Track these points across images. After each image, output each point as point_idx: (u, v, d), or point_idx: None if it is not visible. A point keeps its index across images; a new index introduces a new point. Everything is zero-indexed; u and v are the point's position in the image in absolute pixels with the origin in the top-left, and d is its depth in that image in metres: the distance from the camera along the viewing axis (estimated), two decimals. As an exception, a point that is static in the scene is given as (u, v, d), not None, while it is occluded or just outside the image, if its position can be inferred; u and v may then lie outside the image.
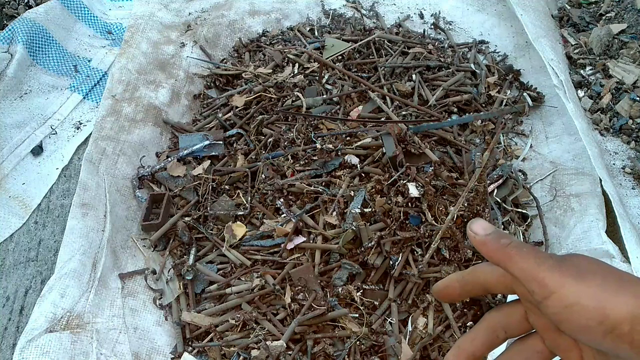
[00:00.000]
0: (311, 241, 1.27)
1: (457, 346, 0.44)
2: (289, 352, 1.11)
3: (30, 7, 2.01)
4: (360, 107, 1.62)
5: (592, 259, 0.36)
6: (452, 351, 0.44)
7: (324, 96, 1.64)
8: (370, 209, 1.25)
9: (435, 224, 1.22)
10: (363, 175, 1.38)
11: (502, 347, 0.45)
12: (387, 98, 1.64)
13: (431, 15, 2.15)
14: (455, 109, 1.66)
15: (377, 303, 1.20)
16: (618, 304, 0.32)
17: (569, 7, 2.14)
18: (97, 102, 1.73)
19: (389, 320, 1.17)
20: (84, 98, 1.76)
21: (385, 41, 1.89)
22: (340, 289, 1.18)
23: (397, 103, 1.64)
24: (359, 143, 1.43)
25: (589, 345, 0.36)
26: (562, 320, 0.35)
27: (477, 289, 0.42)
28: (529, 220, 1.40)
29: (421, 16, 2.16)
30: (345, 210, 1.28)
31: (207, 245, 1.34)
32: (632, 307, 0.32)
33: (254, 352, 1.10)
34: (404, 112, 1.61)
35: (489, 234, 0.38)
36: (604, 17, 2.04)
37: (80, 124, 1.68)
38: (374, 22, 2.12)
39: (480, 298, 1.20)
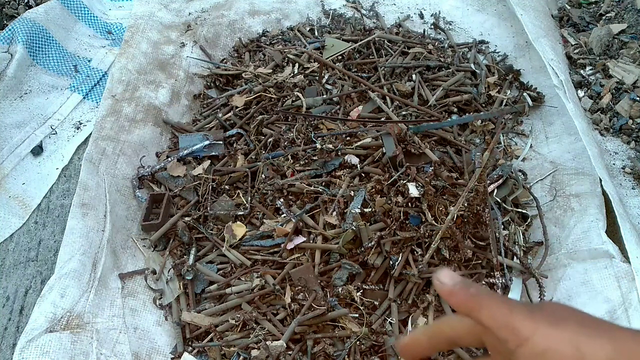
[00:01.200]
0: (311, 241, 1.27)
1: None
2: (289, 352, 1.11)
3: (30, 7, 2.01)
4: (360, 107, 1.62)
5: (567, 306, 0.35)
6: None
7: (324, 96, 1.64)
8: (370, 209, 1.25)
9: (435, 224, 1.22)
10: (363, 175, 1.38)
11: None
12: (387, 98, 1.64)
13: (431, 15, 2.15)
14: (455, 109, 1.66)
15: (377, 303, 1.20)
16: (595, 348, 0.31)
17: (569, 7, 2.14)
18: (97, 102, 1.73)
19: (389, 320, 1.17)
20: (84, 98, 1.76)
21: (385, 41, 1.89)
22: (340, 289, 1.18)
23: (397, 103, 1.64)
24: (359, 143, 1.43)
25: None
26: None
27: (445, 342, 0.41)
28: (529, 220, 1.40)
29: (421, 16, 2.16)
30: (345, 210, 1.28)
31: (207, 245, 1.34)
32: (609, 352, 0.31)
33: (254, 352, 1.10)
34: (404, 112, 1.61)
35: (456, 283, 0.38)
36: (604, 17, 2.04)
37: (80, 124, 1.68)
38: (374, 22, 2.12)
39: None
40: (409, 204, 1.26)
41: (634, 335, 0.32)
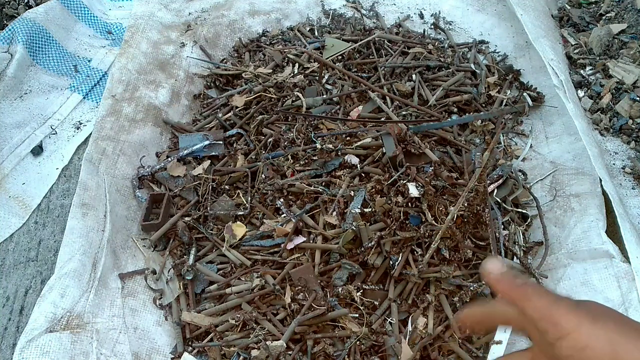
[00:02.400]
0: (311, 241, 1.27)
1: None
2: (289, 352, 1.11)
3: (30, 7, 2.01)
4: (360, 107, 1.62)
5: (605, 306, 0.37)
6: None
7: (324, 96, 1.64)
8: (370, 209, 1.25)
9: (435, 224, 1.22)
10: (363, 175, 1.38)
11: None
12: (387, 98, 1.64)
13: (431, 15, 2.15)
14: (455, 109, 1.66)
15: (377, 303, 1.20)
16: (631, 350, 0.33)
17: (569, 7, 2.14)
18: (97, 102, 1.73)
19: (389, 320, 1.17)
20: (84, 98, 1.76)
21: (385, 41, 1.89)
22: (340, 289, 1.18)
23: (397, 103, 1.64)
24: (359, 143, 1.43)
25: None
26: (566, 356, 0.35)
27: (495, 323, 0.43)
28: (529, 220, 1.40)
29: (421, 16, 2.16)
30: (345, 210, 1.28)
31: (207, 245, 1.34)
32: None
33: (254, 352, 1.10)
34: (404, 112, 1.61)
35: (503, 273, 0.39)
36: (604, 17, 2.04)
37: (80, 124, 1.68)
38: (374, 22, 2.12)
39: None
40: (409, 204, 1.26)
41: None
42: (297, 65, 1.78)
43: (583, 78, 1.81)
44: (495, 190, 1.38)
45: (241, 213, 1.36)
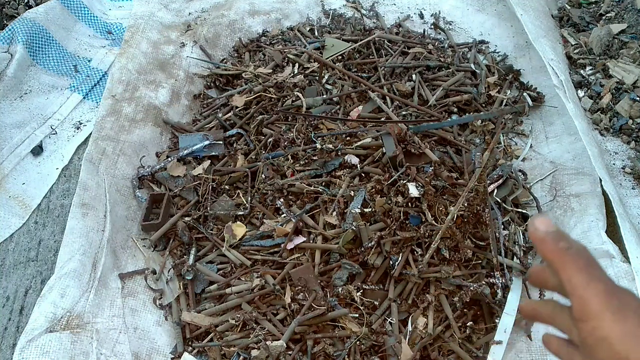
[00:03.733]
0: (311, 241, 1.27)
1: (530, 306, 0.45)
2: (289, 352, 1.11)
3: (30, 7, 2.01)
4: (360, 107, 1.62)
5: (633, 300, 0.36)
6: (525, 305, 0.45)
7: (324, 96, 1.64)
8: (370, 209, 1.25)
9: (435, 224, 1.22)
10: (363, 175, 1.38)
11: None
12: (387, 98, 1.64)
13: (431, 15, 2.15)
14: (455, 109, 1.66)
15: (377, 303, 1.19)
16: None
17: (569, 7, 2.14)
18: (97, 102, 1.73)
19: (389, 320, 1.17)
20: (84, 98, 1.76)
21: (385, 41, 1.89)
22: (340, 289, 1.18)
23: (397, 103, 1.64)
24: (359, 143, 1.43)
25: None
26: (587, 345, 0.35)
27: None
28: (529, 220, 1.40)
29: (421, 16, 2.16)
30: (345, 210, 1.28)
31: (207, 245, 1.34)
32: None
33: (254, 352, 1.10)
34: (404, 112, 1.61)
35: (550, 233, 0.38)
36: (604, 17, 2.04)
37: (80, 124, 1.68)
38: (374, 22, 2.12)
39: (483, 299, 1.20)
40: (409, 204, 1.26)
41: None
42: (297, 65, 1.78)
43: (583, 78, 1.81)
44: (495, 190, 1.38)
45: (241, 213, 1.36)
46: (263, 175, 1.42)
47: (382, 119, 1.56)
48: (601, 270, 0.36)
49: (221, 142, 1.54)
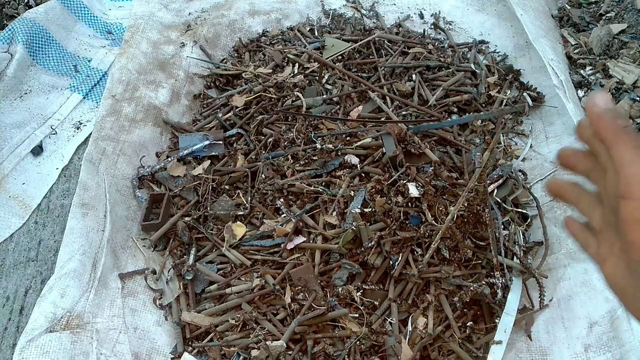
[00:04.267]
0: (311, 241, 1.27)
1: (569, 152, 0.45)
2: (289, 352, 1.11)
3: (30, 7, 2.01)
4: (360, 107, 1.62)
5: None
6: (565, 150, 0.45)
7: (324, 96, 1.64)
8: (370, 209, 1.25)
9: (435, 224, 1.22)
10: (363, 175, 1.38)
11: None
12: (387, 98, 1.64)
13: (431, 15, 2.15)
14: (455, 109, 1.66)
15: (377, 303, 1.19)
16: None
17: (569, 7, 2.14)
18: (97, 102, 1.73)
19: (389, 320, 1.17)
20: (84, 98, 1.76)
21: (385, 41, 1.89)
22: (340, 289, 1.18)
23: (397, 103, 1.64)
24: (359, 143, 1.43)
25: (627, 253, 0.37)
26: (625, 226, 0.35)
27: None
28: (529, 220, 1.40)
29: (421, 16, 2.16)
30: (345, 210, 1.28)
31: (207, 245, 1.34)
32: None
33: (254, 352, 1.10)
34: (404, 112, 1.61)
35: (609, 109, 0.38)
36: (604, 17, 2.04)
37: (80, 124, 1.68)
38: (374, 22, 2.12)
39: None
40: (409, 204, 1.26)
41: None
42: (297, 65, 1.78)
43: (583, 78, 1.81)
44: (495, 190, 1.38)
45: (241, 213, 1.36)
46: (263, 175, 1.42)
47: (382, 119, 1.56)
48: None
49: (221, 142, 1.54)
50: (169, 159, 1.50)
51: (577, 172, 0.44)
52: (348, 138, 1.48)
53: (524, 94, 1.74)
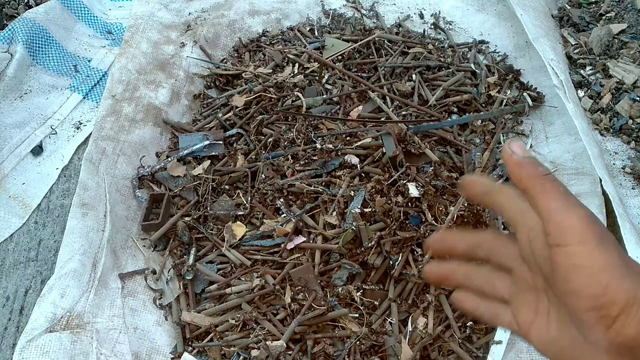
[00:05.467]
0: (311, 241, 1.27)
1: (444, 234, 0.43)
2: (289, 352, 1.11)
3: (30, 7, 2.00)
4: (360, 107, 1.62)
5: (613, 237, 0.34)
6: (437, 235, 0.43)
7: (324, 96, 1.64)
8: (370, 209, 1.25)
9: (435, 224, 1.22)
10: (363, 175, 1.38)
11: None
12: (387, 98, 1.64)
13: (431, 15, 2.15)
14: (455, 109, 1.66)
15: (377, 303, 1.20)
16: (622, 288, 0.31)
17: (569, 7, 2.14)
18: (97, 102, 1.73)
19: (389, 320, 1.17)
20: (84, 98, 1.76)
21: (385, 41, 1.89)
22: (340, 289, 1.18)
23: (397, 103, 1.64)
24: (359, 143, 1.43)
25: (561, 305, 0.35)
26: (562, 274, 0.33)
27: (497, 199, 0.40)
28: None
29: (421, 16, 2.16)
30: (345, 210, 1.28)
31: (207, 245, 1.34)
32: (631, 296, 0.31)
33: (254, 352, 1.10)
34: (404, 112, 1.61)
35: (527, 157, 0.36)
36: (604, 17, 2.04)
37: (80, 124, 1.68)
38: (374, 22, 2.12)
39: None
40: (409, 204, 1.26)
41: None
42: (297, 65, 1.78)
43: (583, 78, 1.81)
44: (495, 190, 1.38)
45: (241, 213, 1.36)
46: (263, 175, 1.42)
47: (382, 119, 1.56)
48: (578, 200, 0.35)
49: (221, 142, 1.54)
50: (169, 159, 1.50)
51: (457, 253, 0.42)
52: (348, 138, 1.48)
53: (524, 94, 1.74)
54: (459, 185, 0.43)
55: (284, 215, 1.32)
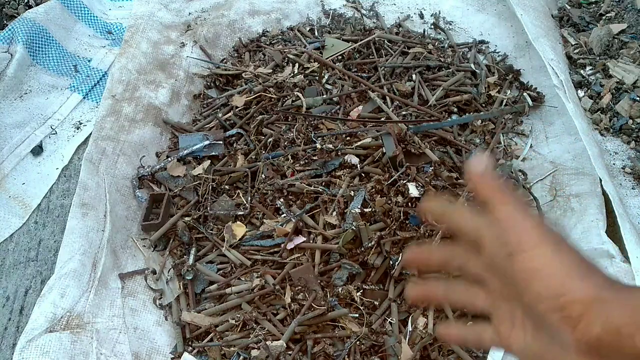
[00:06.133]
0: (311, 241, 1.27)
1: (418, 249, 0.44)
2: (289, 352, 1.11)
3: (30, 7, 2.00)
4: (360, 107, 1.62)
5: (572, 243, 0.36)
6: (412, 249, 0.44)
7: (324, 96, 1.64)
8: (370, 209, 1.25)
9: (435, 224, 1.22)
10: (363, 175, 1.38)
11: None
12: (387, 98, 1.64)
13: (431, 15, 2.15)
14: (455, 109, 1.66)
15: (377, 303, 1.20)
16: (581, 287, 0.32)
17: (569, 7, 2.14)
18: (97, 102, 1.73)
19: (389, 320, 1.17)
20: (84, 98, 1.76)
21: (385, 41, 1.89)
22: (340, 289, 1.18)
23: (397, 103, 1.64)
24: (359, 143, 1.43)
25: (530, 312, 0.36)
26: (524, 280, 0.34)
27: (453, 218, 0.41)
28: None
29: (421, 16, 2.16)
30: (345, 210, 1.28)
31: (207, 245, 1.34)
32: (591, 295, 0.32)
33: (254, 352, 1.10)
34: (404, 112, 1.61)
35: (488, 170, 0.39)
36: (604, 17, 2.04)
37: (80, 124, 1.68)
38: (374, 22, 2.12)
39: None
40: (409, 204, 1.26)
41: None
42: (297, 65, 1.78)
43: (583, 78, 1.81)
44: (495, 190, 1.38)
45: (241, 213, 1.36)
46: (263, 175, 1.42)
47: (382, 119, 1.56)
48: (534, 212, 0.38)
49: (221, 142, 1.54)
50: (169, 159, 1.50)
51: (432, 267, 0.43)
52: (348, 138, 1.48)
53: (524, 94, 1.74)
54: (417, 213, 0.45)
55: (284, 215, 1.32)
